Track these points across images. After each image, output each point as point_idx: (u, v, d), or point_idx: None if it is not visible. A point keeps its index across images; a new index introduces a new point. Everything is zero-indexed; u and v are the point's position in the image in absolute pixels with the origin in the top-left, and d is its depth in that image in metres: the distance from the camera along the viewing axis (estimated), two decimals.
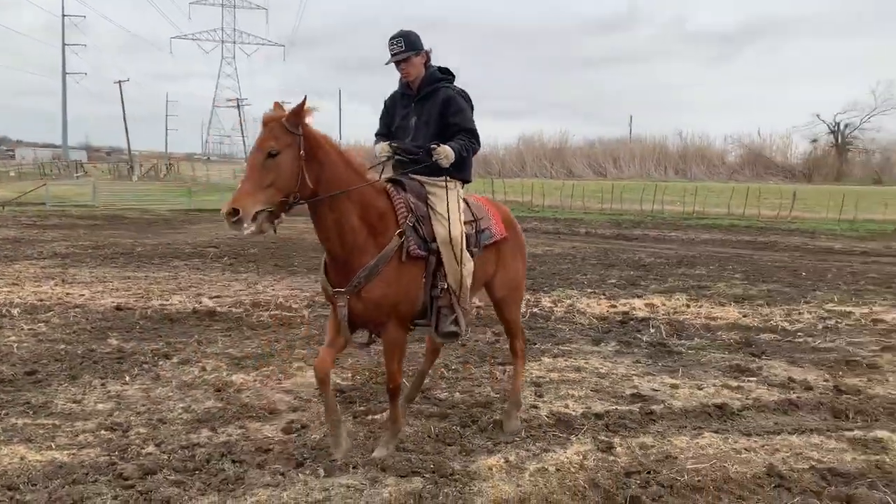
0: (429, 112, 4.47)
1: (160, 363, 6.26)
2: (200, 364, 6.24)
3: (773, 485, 3.95)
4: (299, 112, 3.79)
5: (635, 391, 5.72)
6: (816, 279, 12.51)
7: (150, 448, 4.39)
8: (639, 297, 10.08)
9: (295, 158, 3.74)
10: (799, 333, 7.94)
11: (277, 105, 3.93)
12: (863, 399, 5.51)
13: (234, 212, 3.56)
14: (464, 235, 4.40)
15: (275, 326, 7.92)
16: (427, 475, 4.07)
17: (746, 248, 18.93)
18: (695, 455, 4.37)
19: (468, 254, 4.44)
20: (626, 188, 36.76)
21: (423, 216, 4.30)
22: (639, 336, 7.70)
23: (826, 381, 6.03)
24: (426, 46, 4.50)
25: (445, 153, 4.27)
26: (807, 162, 62.32)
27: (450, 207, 4.36)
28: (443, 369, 6.27)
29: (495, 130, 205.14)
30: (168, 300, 9.24)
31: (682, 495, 3.85)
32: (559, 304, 9.34)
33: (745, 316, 8.83)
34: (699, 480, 3.99)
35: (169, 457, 4.26)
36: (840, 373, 6.30)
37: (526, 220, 26.71)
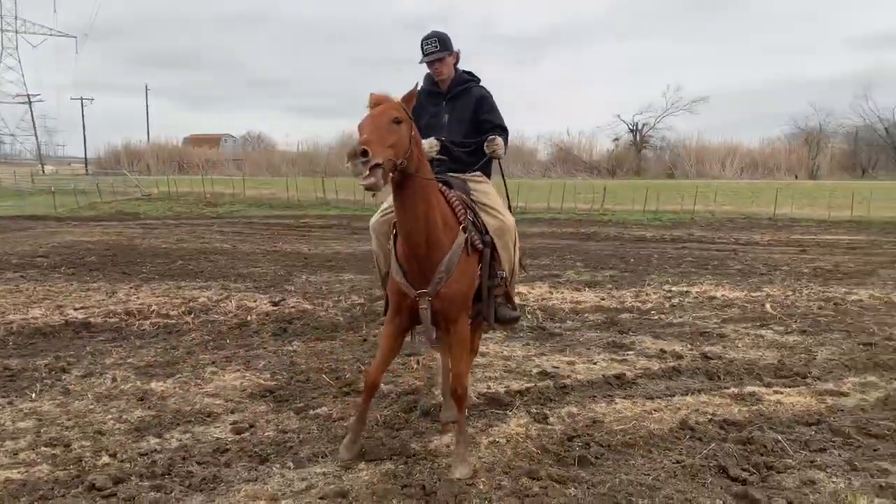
0: (461, 110, 4.68)
1: (62, 377, 5.96)
2: (107, 375, 6.01)
3: (687, 436, 4.68)
4: (412, 97, 3.95)
5: (540, 369, 6.33)
6: (645, 264, 14.04)
7: (106, 458, 4.30)
8: None
9: (409, 134, 3.79)
10: (652, 312, 9.02)
11: (372, 95, 3.96)
12: (726, 363, 6.51)
13: (364, 152, 3.43)
14: (514, 225, 4.64)
15: (163, 334, 7.69)
16: (395, 457, 4.37)
17: (573, 239, 20.60)
18: (616, 418, 5.03)
19: (519, 240, 4.70)
20: None
21: (474, 211, 4.46)
22: (521, 323, 8.36)
23: (691, 350, 7.02)
24: (455, 48, 4.71)
25: (500, 143, 4.59)
26: (610, 159, 68.30)
27: (495, 200, 4.60)
28: (358, 364, 6.50)
29: (316, 128, 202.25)
30: (27, 314, 8.60)
31: (619, 451, 4.46)
32: None
33: (602, 299, 9.84)
34: (629, 438, 4.63)
35: (131, 465, 4.21)
36: (698, 343, 7.33)
37: (363, 219, 27.05)
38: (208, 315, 8.68)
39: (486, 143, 4.62)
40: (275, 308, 9.12)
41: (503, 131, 4.75)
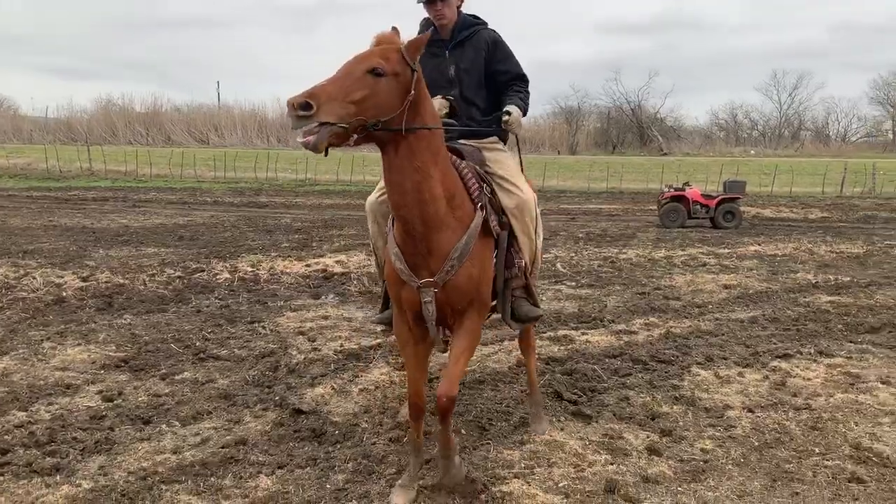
0: (470, 59, 3.93)
1: None
2: None
3: (522, 372, 5.52)
4: (420, 45, 3.18)
5: (382, 327, 6.89)
6: None
7: None
8: (322, 256, 11.19)
9: (399, 94, 3.09)
10: None
11: (396, 30, 3.27)
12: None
13: (308, 105, 2.81)
14: (536, 202, 3.97)
15: None
16: (276, 408, 4.72)
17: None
18: (470, 361, 5.74)
19: (541, 222, 4.06)
20: (239, 156, 37.04)
21: (490, 186, 3.77)
22: (348, 288, 8.85)
23: None
24: None
25: (517, 119, 3.90)
26: None
27: (512, 171, 3.94)
28: (203, 332, 6.61)
29: (68, 91, 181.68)
30: None
31: (473, 388, 5.19)
32: (260, 268, 9.96)
33: None
34: (479, 377, 5.39)
35: (11, 437, 4.15)
36: None
37: (138, 192, 25.57)
38: (14, 293, 8.12)
39: (502, 120, 3.90)
40: (86, 283, 8.73)
41: (523, 82, 4.10)
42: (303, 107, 2.80)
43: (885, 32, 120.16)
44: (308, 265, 10.30)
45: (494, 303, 3.89)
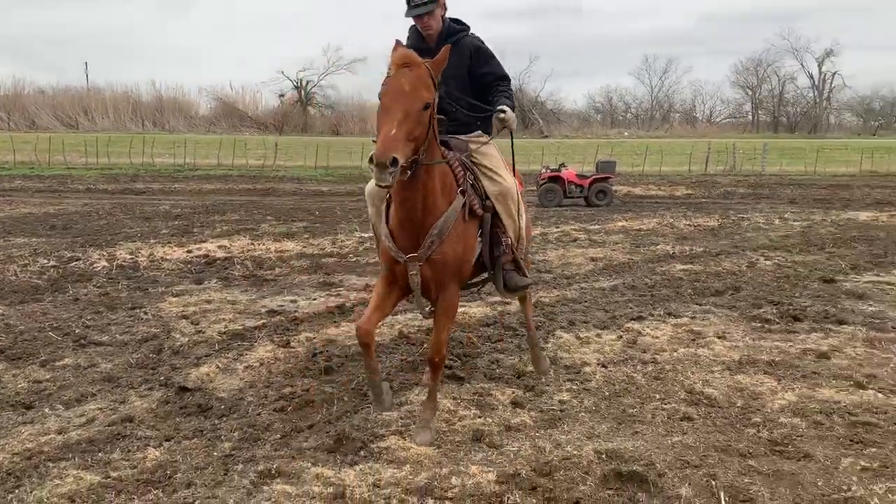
0: (456, 64, 4.19)
1: None
2: None
3: (404, 343, 5.90)
4: (442, 63, 3.58)
5: (267, 308, 7.06)
6: (331, 216, 15.19)
7: None
8: (204, 242, 11.11)
9: (433, 112, 3.55)
10: (350, 255, 10.19)
11: (399, 43, 3.64)
12: None
13: (395, 161, 3.25)
14: (517, 187, 4.44)
15: None
16: (162, 388, 4.85)
17: (253, 195, 20.96)
18: (346, 337, 6.03)
19: (524, 205, 4.53)
20: (112, 141, 35.34)
21: (474, 174, 4.25)
22: (232, 272, 8.90)
23: None
24: None
25: (510, 116, 4.23)
26: (276, 115, 68.32)
27: (496, 162, 4.39)
28: (82, 320, 6.56)
29: None
30: None
31: (356, 360, 5.47)
32: (139, 256, 9.81)
33: (304, 247, 10.73)
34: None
35: None
36: None
37: (1, 180, 24.07)
38: None
39: (494, 118, 4.25)
40: None
41: (505, 81, 4.46)
42: (392, 163, 3.25)
43: (746, 21, 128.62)
44: (189, 251, 10.23)
45: (486, 276, 4.53)
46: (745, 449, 3.94)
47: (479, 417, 4.35)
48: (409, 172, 3.48)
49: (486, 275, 4.56)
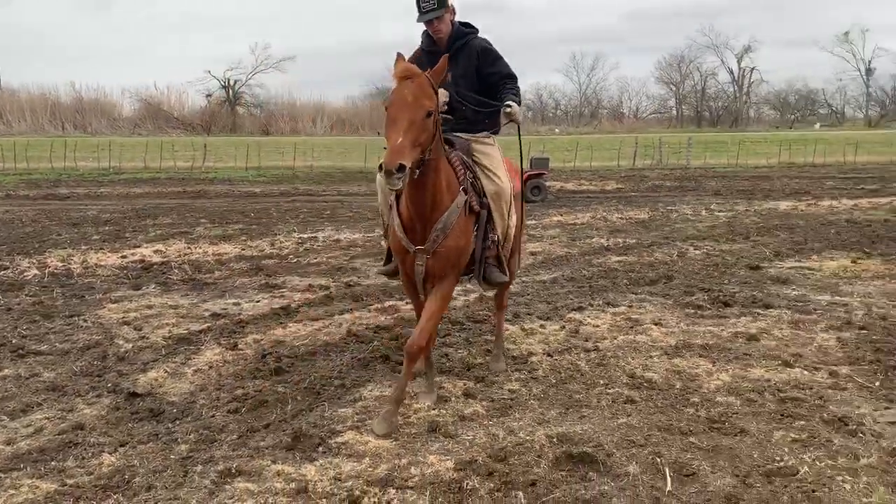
0: (465, 65, 4.56)
1: None
2: None
3: (354, 341, 5.95)
4: (441, 72, 3.90)
5: (210, 312, 7.00)
6: (267, 217, 15.04)
7: None
8: (138, 247, 10.86)
9: (434, 121, 3.84)
10: (290, 256, 10.15)
11: (401, 56, 3.93)
12: (365, 288, 7.97)
13: (402, 167, 3.53)
14: (512, 189, 4.69)
15: None
16: (110, 395, 4.79)
17: (184, 198, 20.51)
18: (295, 337, 6.06)
19: (514, 207, 4.75)
20: (30, 145, 33.94)
21: (474, 172, 4.51)
22: (170, 277, 8.77)
23: (334, 282, 8.32)
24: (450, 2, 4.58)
25: (517, 110, 4.50)
26: (204, 115, 66.74)
27: (496, 163, 4.64)
28: (18, 329, 6.38)
29: None
30: None
31: (305, 359, 5.52)
32: (71, 263, 9.54)
33: (242, 250, 10.62)
34: (311, 349, 5.73)
35: None
36: (338, 276, 8.69)
37: None
38: None
39: (501, 111, 4.55)
40: None
41: (512, 79, 4.71)
42: (399, 169, 3.52)
43: (668, 19, 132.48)
44: (124, 256, 10.00)
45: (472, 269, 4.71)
46: (686, 427, 4.17)
47: (434, 409, 4.46)
48: (417, 171, 3.78)
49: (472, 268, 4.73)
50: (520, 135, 4.79)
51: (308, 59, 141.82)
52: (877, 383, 4.84)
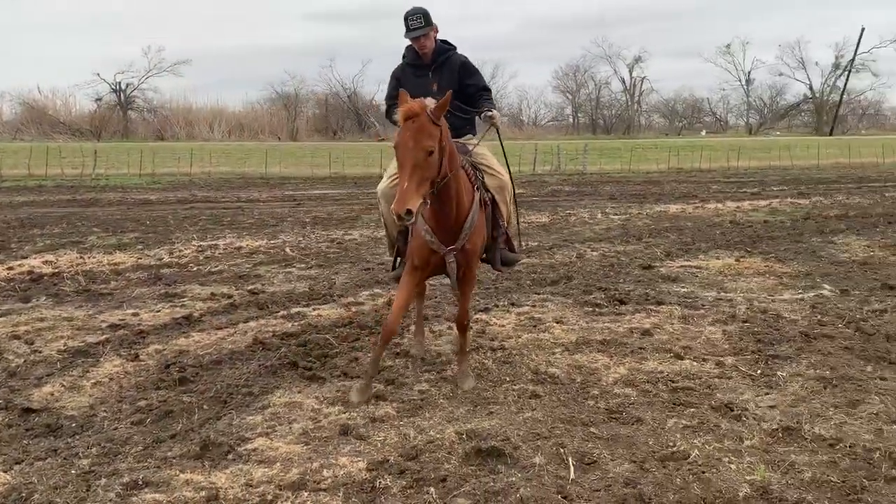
0: (447, 78, 5.06)
1: None
2: None
3: (260, 349, 5.89)
4: (444, 107, 4.21)
5: (108, 323, 6.73)
6: (164, 224, 14.55)
7: None
8: (25, 258, 10.30)
9: (440, 151, 4.15)
10: (191, 264, 9.88)
11: (405, 95, 4.23)
12: (270, 295, 7.88)
13: (410, 212, 3.94)
14: (510, 181, 5.24)
15: None
16: (1, 412, 4.57)
17: (73, 207, 19.50)
18: (199, 347, 5.94)
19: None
20: None
21: (480, 172, 4.98)
22: (63, 288, 8.38)
23: (238, 290, 8.17)
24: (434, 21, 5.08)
25: (497, 115, 5.15)
26: (93, 120, 63.50)
27: (492, 160, 5.19)
28: None
29: None
30: None
31: (211, 368, 5.43)
32: None
33: (139, 259, 10.26)
34: (216, 358, 5.64)
35: None
36: (241, 284, 8.54)
37: None
38: None
39: (483, 116, 5.12)
40: None
41: (487, 91, 5.28)
42: (406, 213, 3.94)
43: (565, 29, 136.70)
44: (11, 268, 9.46)
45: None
46: (587, 418, 4.39)
47: (345, 413, 4.50)
48: (434, 191, 4.21)
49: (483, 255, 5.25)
50: (500, 137, 5.35)
51: (204, 63, 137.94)
52: (758, 371, 5.23)
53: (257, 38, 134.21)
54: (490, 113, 5.09)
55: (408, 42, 5.16)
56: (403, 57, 5.31)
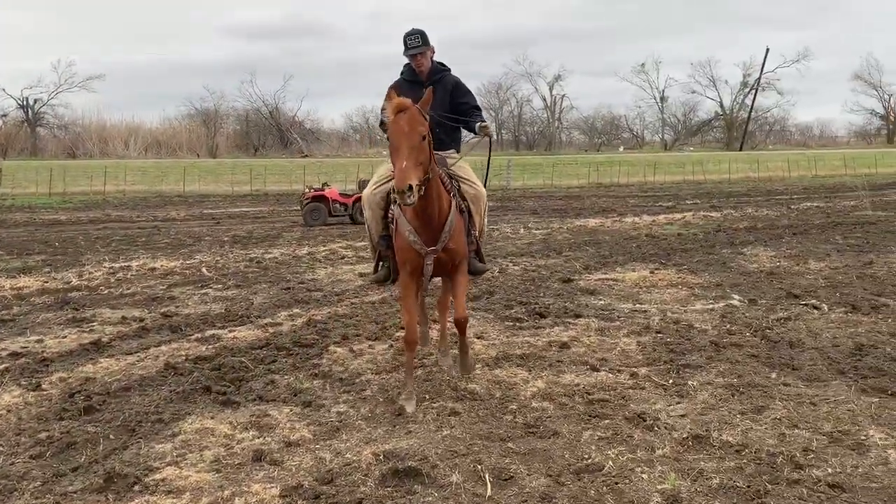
0: (441, 96, 5.31)
1: None
2: None
3: (172, 374, 5.68)
4: (428, 102, 4.53)
5: (9, 351, 6.39)
6: (73, 246, 13.96)
7: None
8: None
9: (429, 140, 4.49)
10: (101, 287, 9.49)
11: (393, 92, 4.56)
12: (184, 317, 7.63)
13: (411, 187, 4.16)
14: (485, 193, 5.55)
15: None
16: None
17: None
18: (106, 373, 5.69)
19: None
20: None
21: (456, 181, 5.31)
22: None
23: (150, 313, 7.89)
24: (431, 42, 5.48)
25: (489, 128, 5.50)
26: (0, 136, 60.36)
27: (470, 173, 5.51)
28: None
29: None
30: None
31: (119, 395, 5.20)
32: None
33: (45, 282, 9.79)
34: (125, 384, 5.40)
35: None
36: (154, 306, 8.25)
37: None
38: None
39: (477, 128, 5.43)
40: None
41: (478, 110, 5.61)
42: (409, 189, 4.17)
43: (488, 47, 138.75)
44: None
45: None
46: (505, 434, 4.41)
47: (259, 438, 4.38)
48: (423, 189, 4.42)
49: None
50: (490, 150, 5.79)
51: (118, 78, 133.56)
52: (670, 381, 5.38)
53: (174, 53, 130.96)
54: (484, 123, 5.47)
55: (406, 60, 5.59)
56: (402, 73, 5.70)
